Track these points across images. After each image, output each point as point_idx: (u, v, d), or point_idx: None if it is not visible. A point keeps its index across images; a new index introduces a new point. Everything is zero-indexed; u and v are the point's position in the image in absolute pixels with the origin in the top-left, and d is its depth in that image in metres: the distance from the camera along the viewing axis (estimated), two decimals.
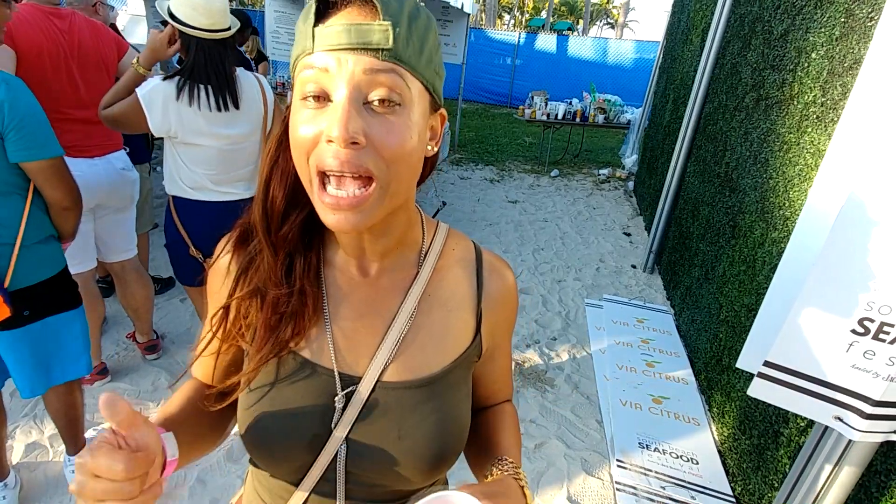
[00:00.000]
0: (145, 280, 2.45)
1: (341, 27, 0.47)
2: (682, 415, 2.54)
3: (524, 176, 6.97)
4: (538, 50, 13.73)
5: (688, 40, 4.67)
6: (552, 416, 2.48)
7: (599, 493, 2.07)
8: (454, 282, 0.66)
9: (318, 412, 0.59)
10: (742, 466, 2.08)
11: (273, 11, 6.72)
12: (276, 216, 0.58)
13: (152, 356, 2.54)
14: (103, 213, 2.23)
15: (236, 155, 1.84)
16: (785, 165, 2.18)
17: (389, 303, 0.63)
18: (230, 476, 1.98)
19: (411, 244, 0.65)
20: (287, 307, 0.59)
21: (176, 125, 1.69)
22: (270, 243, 0.59)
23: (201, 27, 1.64)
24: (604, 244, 4.80)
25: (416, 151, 0.52)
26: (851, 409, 1.05)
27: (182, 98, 1.67)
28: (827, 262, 0.98)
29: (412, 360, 0.61)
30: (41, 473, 1.93)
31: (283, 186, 0.57)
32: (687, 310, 3.25)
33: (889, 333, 0.96)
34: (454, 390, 0.63)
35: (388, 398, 0.60)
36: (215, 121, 1.74)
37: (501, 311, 0.69)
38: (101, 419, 2.20)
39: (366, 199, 0.50)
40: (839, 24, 1.92)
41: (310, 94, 0.49)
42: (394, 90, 0.48)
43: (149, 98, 1.66)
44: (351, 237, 0.60)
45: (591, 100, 7.54)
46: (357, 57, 0.47)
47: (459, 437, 0.63)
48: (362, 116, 0.48)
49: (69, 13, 2.09)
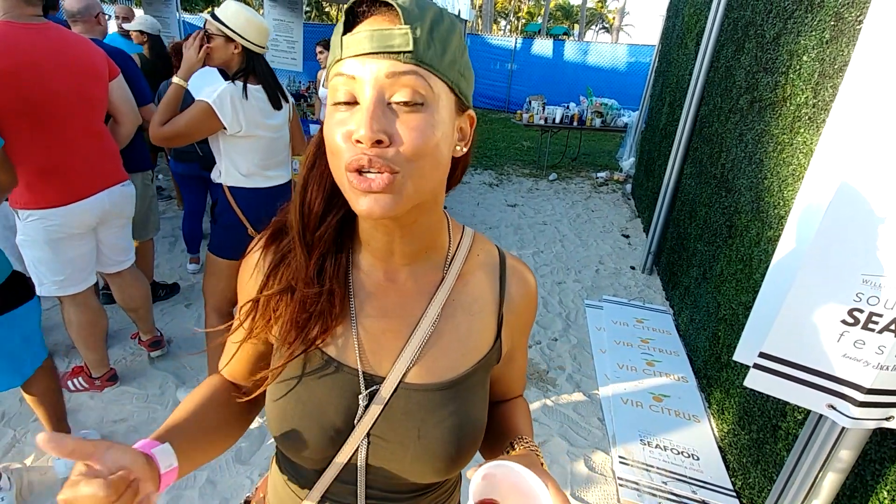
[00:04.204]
0: (140, 279, 2.46)
1: (365, 34, 0.50)
2: (682, 412, 2.58)
3: (523, 180, 7.03)
4: (535, 55, 13.85)
5: (683, 44, 4.74)
6: (554, 415, 2.52)
7: (602, 489, 2.11)
8: (478, 287, 0.68)
9: (341, 408, 0.62)
10: (742, 461, 2.12)
11: (272, 20, 6.78)
12: (314, 217, 0.61)
13: (157, 352, 2.58)
14: (103, 230, 2.20)
15: (278, 143, 2.11)
16: (779, 166, 2.23)
17: (414, 307, 0.65)
18: (239, 477, 2.01)
19: (438, 249, 0.67)
20: (316, 306, 0.61)
21: (244, 121, 1.93)
22: (305, 244, 0.61)
23: (259, 44, 1.95)
24: (602, 246, 4.85)
25: (440, 149, 0.54)
26: (844, 398, 1.09)
27: (248, 96, 1.92)
28: (816, 255, 1.03)
29: (435, 363, 0.63)
30: (36, 474, 1.96)
31: (321, 189, 0.60)
32: (686, 309, 3.29)
33: (878, 323, 1.00)
34: (473, 393, 0.66)
35: (409, 399, 0.62)
36: (266, 114, 2.01)
37: (522, 314, 0.71)
38: (91, 423, 2.24)
39: (393, 185, 0.52)
40: (829, 27, 1.98)
41: (341, 100, 0.52)
42: (416, 91, 0.50)
43: (220, 102, 1.87)
44: (382, 239, 0.62)
45: (588, 104, 7.62)
46: (380, 61, 0.50)
47: (476, 438, 0.66)
48: (386, 117, 0.50)
49: (44, 26, 1.86)
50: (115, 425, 2.23)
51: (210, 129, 1.92)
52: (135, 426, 2.23)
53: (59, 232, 1.97)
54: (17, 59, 1.77)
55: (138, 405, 2.35)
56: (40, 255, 1.99)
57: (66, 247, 2.02)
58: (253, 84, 1.95)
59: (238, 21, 1.88)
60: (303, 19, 6.95)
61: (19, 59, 1.78)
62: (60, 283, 2.07)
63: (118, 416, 2.28)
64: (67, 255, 2.03)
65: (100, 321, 2.27)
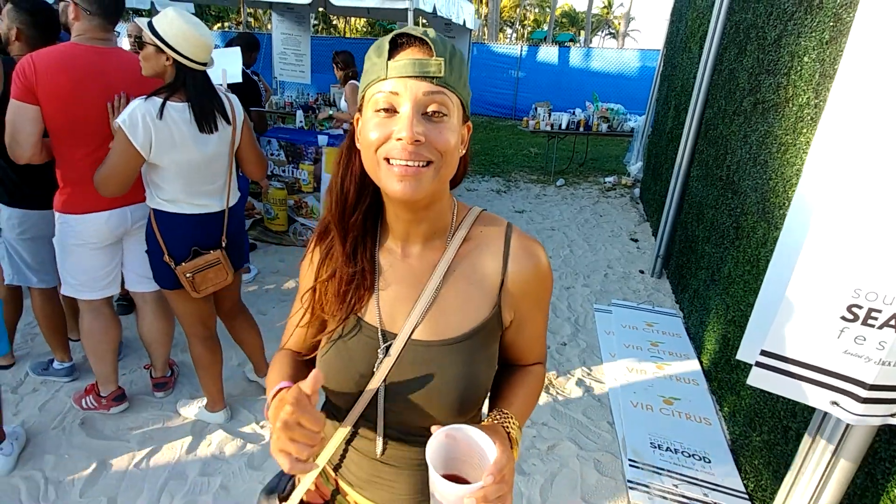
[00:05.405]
0: (165, 315, 2.39)
1: (408, 61, 0.65)
2: (693, 415, 2.57)
3: (530, 186, 7.05)
4: (540, 62, 13.90)
5: (687, 48, 4.75)
6: (564, 419, 2.52)
7: (612, 493, 2.11)
8: (479, 258, 0.80)
9: (366, 359, 0.78)
10: (754, 463, 2.11)
11: (280, 34, 6.91)
12: (350, 205, 0.76)
13: (159, 394, 2.50)
14: (129, 243, 2.21)
15: (209, 169, 1.93)
16: (783, 166, 2.24)
17: (422, 277, 0.79)
18: (252, 483, 2.04)
19: (443, 229, 0.81)
20: (353, 282, 0.78)
21: (154, 143, 1.76)
22: (342, 228, 0.77)
23: (193, 59, 1.78)
24: (611, 250, 4.84)
25: (457, 148, 0.71)
26: (847, 394, 1.09)
27: (163, 116, 1.76)
28: (813, 252, 1.04)
29: (437, 324, 0.77)
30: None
31: (354, 182, 0.76)
32: (695, 312, 3.28)
33: (877, 319, 1.01)
34: (473, 353, 0.78)
35: (416, 353, 0.77)
36: (191, 137, 1.84)
37: (528, 287, 0.81)
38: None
39: (423, 173, 0.67)
40: (828, 28, 1.99)
41: (381, 108, 0.66)
42: (443, 105, 0.67)
43: (130, 122, 1.71)
44: (403, 223, 0.77)
45: (594, 109, 7.63)
46: (419, 82, 0.65)
47: (476, 393, 0.79)
48: (421, 123, 0.65)
49: (108, 50, 1.96)
50: (125, 433, 2.27)
51: (135, 157, 1.75)
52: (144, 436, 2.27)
53: (77, 238, 2.05)
54: (71, 80, 1.86)
55: (141, 420, 2.39)
56: (61, 256, 2.11)
57: (83, 254, 2.08)
58: (177, 102, 1.79)
59: (171, 30, 1.72)
60: (310, 33, 7.07)
61: (73, 81, 1.86)
62: (75, 287, 2.14)
63: (130, 424, 2.32)
64: (82, 262, 2.10)
65: (111, 331, 2.28)
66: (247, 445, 2.23)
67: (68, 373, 2.57)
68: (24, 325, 2.86)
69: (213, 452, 2.19)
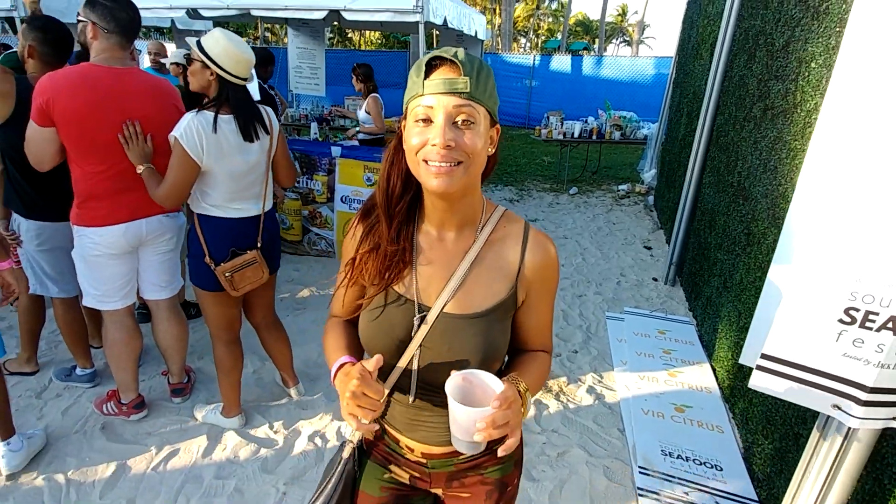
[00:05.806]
0: (178, 321, 2.45)
1: (440, 80, 0.79)
2: (705, 423, 2.55)
3: (543, 194, 7.06)
4: (554, 70, 13.94)
5: (698, 55, 4.75)
6: (574, 426, 2.52)
7: (622, 499, 2.10)
8: (502, 248, 0.96)
9: (404, 326, 0.94)
10: (766, 471, 2.09)
11: (296, 48, 7.06)
12: (396, 197, 0.92)
13: (177, 399, 2.56)
14: (145, 252, 2.28)
15: (249, 177, 2.06)
16: (793, 172, 2.23)
17: (454, 259, 0.94)
18: (266, 486, 2.09)
19: (475, 221, 0.96)
20: (394, 259, 0.93)
21: (205, 154, 1.90)
22: (389, 215, 0.92)
23: (235, 74, 1.93)
24: (624, 258, 4.83)
25: (483, 150, 0.85)
26: (848, 397, 1.10)
27: (216, 129, 1.91)
28: (810, 254, 1.05)
29: (465, 300, 0.93)
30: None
31: (399, 177, 0.91)
32: (708, 319, 3.26)
33: (875, 322, 1.02)
34: (493, 326, 0.93)
35: (447, 323, 0.92)
36: (237, 147, 1.98)
37: (539, 274, 0.96)
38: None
39: (455, 171, 0.81)
40: (835, 33, 2.00)
41: (420, 119, 0.81)
42: (470, 116, 0.81)
43: (186, 135, 1.85)
44: (439, 211, 0.92)
45: (607, 117, 7.63)
46: (449, 98, 0.79)
47: (494, 357, 0.95)
48: (452, 131, 0.80)
49: (126, 71, 2.01)
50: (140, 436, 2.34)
51: (193, 168, 1.90)
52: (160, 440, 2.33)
53: (95, 250, 2.11)
54: (88, 104, 1.92)
55: (161, 423, 2.45)
56: (81, 269, 2.18)
57: (103, 265, 2.15)
58: (224, 114, 1.94)
59: (215, 49, 1.89)
60: (325, 47, 7.21)
61: (90, 104, 1.92)
62: (98, 298, 2.21)
63: (146, 429, 2.39)
64: (103, 272, 2.17)
65: (133, 341, 2.34)
66: (260, 450, 2.28)
67: (90, 379, 2.65)
68: (48, 332, 2.96)
69: (227, 456, 2.24)
